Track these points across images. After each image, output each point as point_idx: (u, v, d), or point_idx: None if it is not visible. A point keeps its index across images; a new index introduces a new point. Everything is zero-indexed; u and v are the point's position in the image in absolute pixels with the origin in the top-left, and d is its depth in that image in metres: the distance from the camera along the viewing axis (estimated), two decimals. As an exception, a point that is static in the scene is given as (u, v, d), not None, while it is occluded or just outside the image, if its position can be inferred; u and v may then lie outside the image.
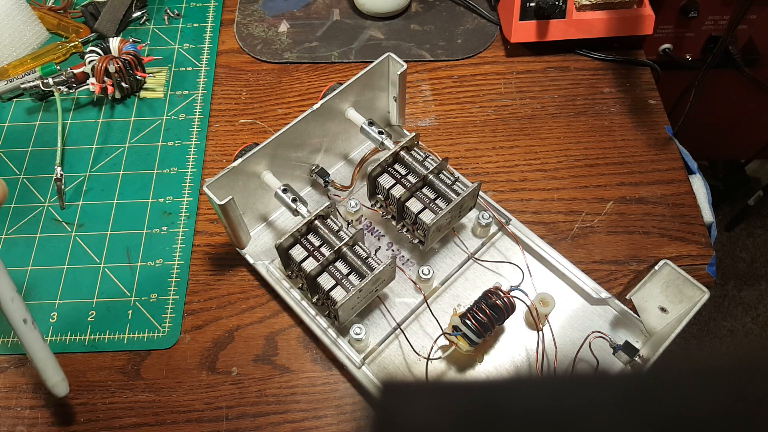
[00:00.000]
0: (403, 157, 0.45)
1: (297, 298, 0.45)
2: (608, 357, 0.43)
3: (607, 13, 0.59)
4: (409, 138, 0.45)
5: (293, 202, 0.44)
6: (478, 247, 0.48)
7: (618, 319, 0.46)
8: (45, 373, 0.39)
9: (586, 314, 0.46)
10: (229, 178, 0.41)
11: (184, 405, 0.44)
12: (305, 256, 0.42)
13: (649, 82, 0.60)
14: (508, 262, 0.48)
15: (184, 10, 0.66)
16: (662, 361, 0.40)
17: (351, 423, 0.43)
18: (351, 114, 0.48)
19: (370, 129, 0.47)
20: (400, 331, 0.44)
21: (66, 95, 0.58)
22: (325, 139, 0.49)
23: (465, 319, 0.40)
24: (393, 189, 0.44)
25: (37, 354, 0.39)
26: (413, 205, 0.44)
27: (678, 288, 0.43)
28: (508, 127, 0.57)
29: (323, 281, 0.41)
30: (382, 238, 0.49)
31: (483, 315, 0.40)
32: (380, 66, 0.47)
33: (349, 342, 0.43)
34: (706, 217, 0.52)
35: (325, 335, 0.44)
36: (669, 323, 0.42)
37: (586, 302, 0.46)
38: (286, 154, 0.47)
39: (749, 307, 1.23)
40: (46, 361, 0.39)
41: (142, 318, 0.47)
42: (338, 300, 0.39)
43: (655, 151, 0.55)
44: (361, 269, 0.41)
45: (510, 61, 0.62)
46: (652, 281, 0.43)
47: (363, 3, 0.63)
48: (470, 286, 0.47)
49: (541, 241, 0.48)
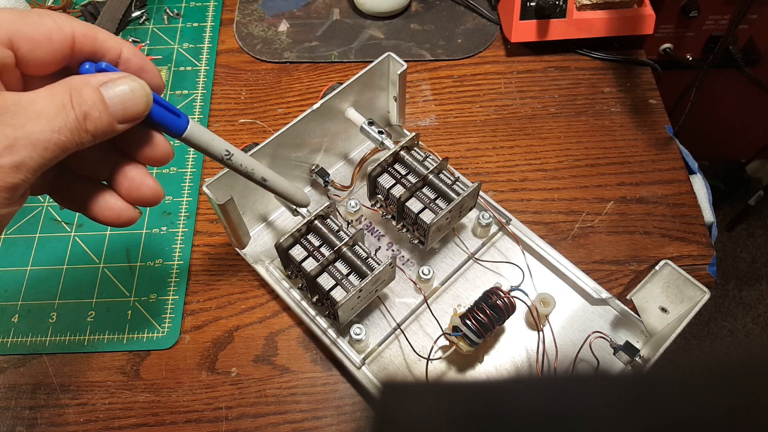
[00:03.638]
0: (403, 157, 0.45)
1: (297, 298, 0.45)
2: (609, 357, 0.43)
3: (608, 13, 0.58)
4: (409, 138, 0.45)
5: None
6: (478, 248, 0.48)
7: (618, 319, 0.45)
8: (286, 190, 0.38)
9: (586, 314, 0.46)
10: (228, 177, 0.41)
11: (183, 405, 0.44)
12: (305, 256, 0.41)
13: (650, 81, 0.60)
14: (509, 263, 0.48)
15: (184, 9, 0.66)
16: (663, 361, 0.40)
17: (351, 423, 0.43)
18: (351, 114, 0.48)
19: (370, 129, 0.47)
20: (400, 331, 0.44)
21: (65, 95, 0.58)
22: (324, 138, 0.49)
23: (465, 320, 0.40)
24: (393, 189, 0.44)
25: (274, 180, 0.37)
26: (413, 205, 0.44)
27: (678, 288, 0.43)
28: (508, 126, 0.57)
29: (323, 281, 0.41)
30: (382, 238, 0.49)
31: (483, 315, 0.40)
32: (380, 65, 0.47)
33: (349, 342, 0.43)
34: (706, 217, 0.52)
35: (324, 335, 0.44)
36: (670, 323, 0.42)
37: (587, 302, 0.46)
38: (286, 153, 0.46)
39: (750, 307, 1.23)
40: (279, 181, 0.37)
41: (141, 318, 0.47)
42: (338, 300, 0.39)
43: (656, 150, 0.55)
44: (361, 269, 0.41)
45: (510, 61, 0.61)
46: (652, 281, 0.43)
47: (363, 2, 0.63)
48: (470, 287, 0.47)
49: (542, 241, 0.48)
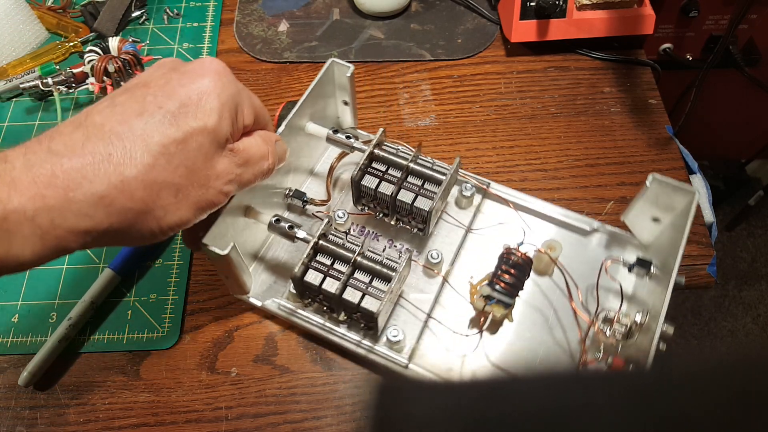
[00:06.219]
0: (378, 155, 0.45)
1: (320, 322, 0.44)
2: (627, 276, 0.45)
3: (608, 13, 0.58)
4: (379, 134, 0.45)
5: (290, 228, 0.42)
6: (470, 219, 0.49)
7: (614, 242, 0.48)
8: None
9: (585, 248, 0.48)
10: (220, 226, 0.40)
11: (183, 405, 0.44)
12: (322, 279, 0.41)
13: (650, 81, 0.60)
14: (501, 224, 0.49)
15: (184, 9, 0.66)
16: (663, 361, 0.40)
17: (351, 423, 0.43)
18: (312, 128, 0.47)
19: (337, 137, 0.46)
20: (431, 319, 0.45)
21: (65, 95, 0.58)
22: (291, 159, 0.48)
23: (493, 287, 0.41)
24: (380, 187, 0.44)
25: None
26: (405, 197, 0.44)
27: (668, 196, 0.44)
28: (508, 126, 0.57)
29: (349, 296, 0.40)
30: (380, 238, 0.49)
31: (509, 276, 0.41)
32: (327, 73, 0.46)
33: (387, 346, 0.43)
34: (706, 217, 0.52)
35: (359, 347, 0.43)
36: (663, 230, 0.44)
37: (581, 236, 0.48)
38: (263, 185, 0.44)
39: (750, 307, 1.23)
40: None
41: (141, 318, 0.47)
42: (375, 310, 0.39)
43: (656, 150, 0.55)
44: (382, 273, 0.41)
45: (510, 61, 0.61)
46: (643, 198, 0.44)
47: (363, 2, 0.63)
48: (475, 257, 0.48)
49: (523, 194, 0.49)
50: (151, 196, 0.31)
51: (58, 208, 0.28)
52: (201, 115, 0.32)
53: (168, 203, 0.31)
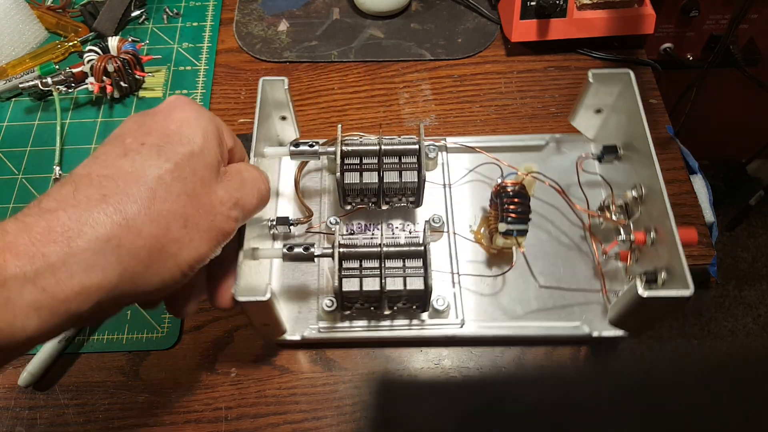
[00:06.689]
0: (347, 151, 0.44)
1: (364, 325, 0.44)
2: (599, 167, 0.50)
3: (608, 13, 0.58)
4: (339, 132, 0.44)
5: (306, 250, 0.41)
6: (443, 177, 0.51)
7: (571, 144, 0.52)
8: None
9: (552, 160, 0.52)
10: (244, 275, 0.38)
11: (183, 406, 0.44)
12: (359, 282, 0.40)
13: (650, 81, 0.60)
14: (473, 170, 0.51)
15: (183, 9, 0.66)
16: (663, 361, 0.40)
17: (351, 423, 0.43)
18: (270, 151, 0.46)
19: (300, 149, 0.45)
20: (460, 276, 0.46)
21: (65, 95, 0.58)
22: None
23: (506, 221, 0.42)
24: (365, 178, 0.44)
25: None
26: (391, 177, 0.44)
27: (606, 85, 0.46)
28: (508, 126, 0.57)
29: (393, 286, 0.40)
30: (378, 226, 0.48)
31: (515, 206, 0.42)
32: (263, 94, 0.45)
33: (436, 317, 0.44)
34: (707, 217, 0.52)
35: (410, 330, 0.44)
36: (608, 116, 0.48)
37: (542, 153, 0.52)
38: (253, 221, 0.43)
39: (750, 307, 1.23)
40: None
41: (141, 318, 0.47)
42: (423, 287, 0.40)
43: (656, 150, 0.55)
44: (413, 252, 0.41)
45: (510, 61, 0.61)
46: (586, 96, 0.46)
47: (363, 2, 0.63)
48: (466, 208, 0.50)
49: (479, 137, 0.52)
50: (161, 230, 0.29)
51: (61, 265, 0.26)
52: (185, 140, 0.31)
53: (180, 236, 0.30)
